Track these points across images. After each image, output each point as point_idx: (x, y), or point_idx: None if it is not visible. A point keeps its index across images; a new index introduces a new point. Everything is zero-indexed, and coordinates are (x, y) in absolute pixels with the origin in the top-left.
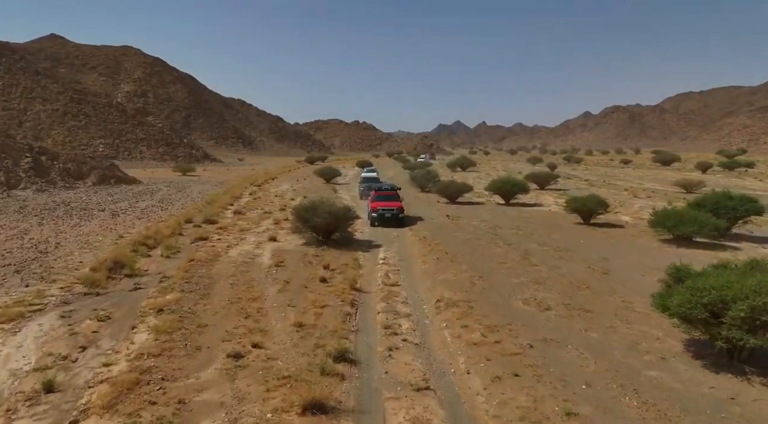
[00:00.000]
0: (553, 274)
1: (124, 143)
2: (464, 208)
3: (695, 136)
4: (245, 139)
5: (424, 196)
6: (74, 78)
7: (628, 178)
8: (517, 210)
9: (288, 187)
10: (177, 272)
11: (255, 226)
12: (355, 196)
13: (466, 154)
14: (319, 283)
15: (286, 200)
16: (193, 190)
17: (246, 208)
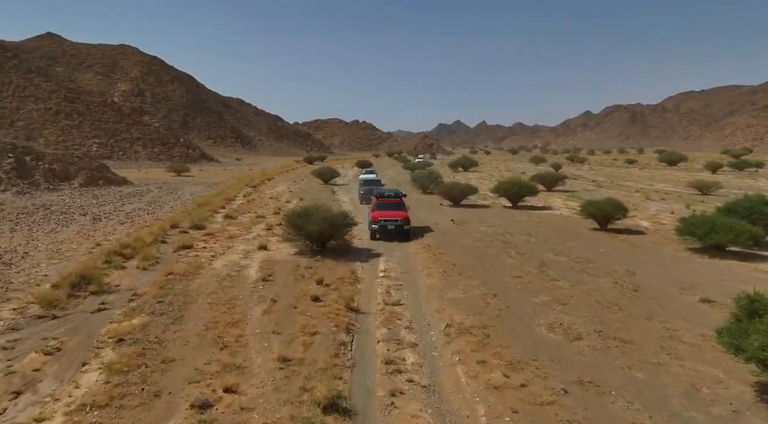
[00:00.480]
0: (577, 291)
1: (119, 143)
2: (469, 211)
3: (698, 136)
4: (244, 138)
5: (426, 198)
6: (70, 77)
7: (636, 178)
8: (525, 214)
9: (284, 188)
10: (150, 289)
11: (245, 232)
12: (354, 198)
13: (468, 154)
14: (310, 302)
15: (281, 203)
16: (185, 191)
17: (238, 212)
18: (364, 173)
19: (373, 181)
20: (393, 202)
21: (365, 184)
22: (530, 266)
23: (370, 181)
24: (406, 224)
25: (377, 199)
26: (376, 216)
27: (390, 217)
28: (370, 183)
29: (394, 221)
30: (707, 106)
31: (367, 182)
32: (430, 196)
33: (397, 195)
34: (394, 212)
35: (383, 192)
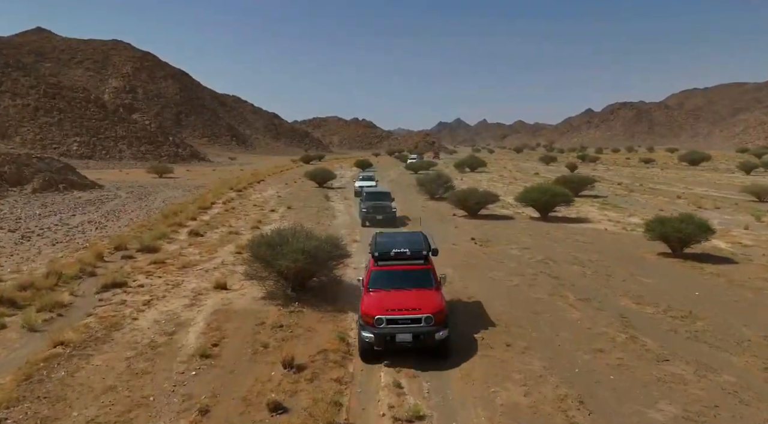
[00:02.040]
0: (714, 390)
1: (102, 141)
2: (490, 224)
3: (707, 134)
4: (239, 137)
5: (434, 206)
6: (52, 72)
7: (664, 180)
8: (561, 229)
9: (273, 193)
10: (6, 383)
11: (207, 257)
12: (350, 202)
13: (471, 153)
14: (266, 414)
15: (265, 212)
16: (159, 197)
17: (209, 226)
18: (360, 179)
19: (378, 195)
20: (410, 268)
21: (369, 198)
22: (606, 323)
23: (376, 195)
24: (439, 329)
25: (376, 260)
26: (373, 310)
27: (403, 313)
28: (376, 198)
29: (411, 326)
30: (711, 103)
31: (371, 197)
32: (439, 204)
33: (418, 250)
34: (415, 297)
35: (393, 244)
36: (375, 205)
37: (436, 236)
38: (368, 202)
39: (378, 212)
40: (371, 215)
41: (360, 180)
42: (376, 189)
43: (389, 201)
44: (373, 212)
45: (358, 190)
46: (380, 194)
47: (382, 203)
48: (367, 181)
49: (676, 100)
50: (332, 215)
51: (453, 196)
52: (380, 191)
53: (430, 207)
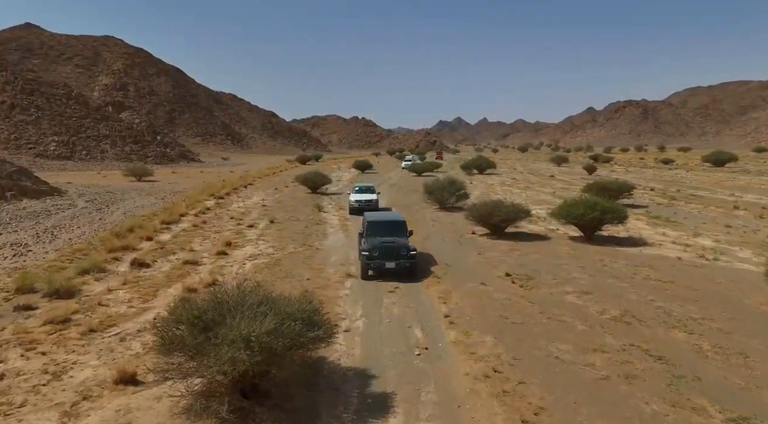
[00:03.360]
0: None
1: (83, 141)
2: (523, 248)
3: (716, 132)
4: (235, 136)
5: (446, 218)
6: (47, 69)
7: (700, 185)
8: (618, 256)
9: (259, 200)
10: None
11: (138, 308)
12: (345, 213)
13: (474, 152)
14: None
15: (242, 227)
16: (123, 206)
17: (163, 251)
18: (356, 191)
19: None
20: None
21: (373, 231)
22: None
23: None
24: None
25: None
26: None
27: None
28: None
29: None
30: (716, 101)
31: (377, 228)
32: (452, 216)
33: None
34: None
35: None
36: (383, 244)
37: (455, 267)
38: (372, 240)
39: (388, 256)
40: (377, 261)
41: (356, 193)
42: (384, 217)
43: (405, 236)
44: (381, 255)
45: (353, 205)
46: (391, 225)
47: (394, 242)
48: (365, 194)
49: (680, 98)
50: (323, 233)
51: (474, 210)
52: (391, 220)
53: (442, 220)
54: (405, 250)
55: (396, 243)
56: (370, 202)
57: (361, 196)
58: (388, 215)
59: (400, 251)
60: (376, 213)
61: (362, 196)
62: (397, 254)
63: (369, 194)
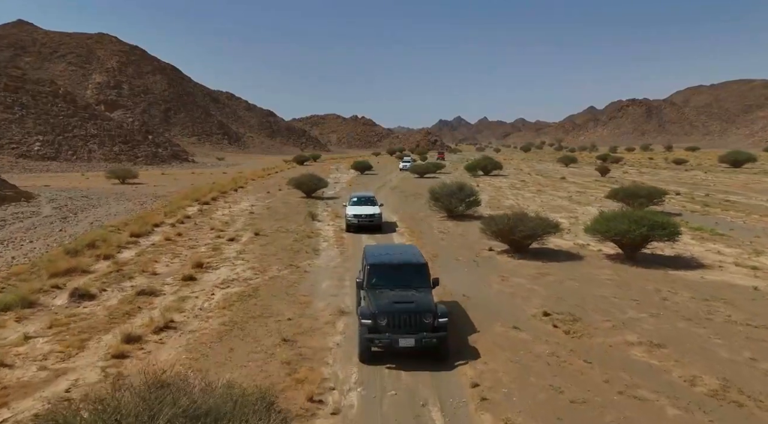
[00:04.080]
0: None
1: (69, 140)
2: (555, 272)
3: (722, 131)
4: (232, 135)
5: (456, 229)
6: (40, 67)
7: (726, 188)
8: (677, 284)
9: (248, 205)
10: None
11: (54, 371)
12: (342, 222)
13: (478, 152)
14: None
15: (222, 241)
16: (93, 215)
17: (119, 274)
18: (354, 202)
19: (404, 271)
20: None
21: (377, 280)
22: None
23: (396, 272)
24: None
25: None
26: None
27: None
28: (396, 277)
29: None
30: (719, 100)
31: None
32: (463, 226)
33: None
34: None
35: None
36: (395, 308)
37: (476, 300)
38: (377, 297)
39: (403, 328)
40: (385, 337)
41: (353, 205)
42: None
43: (427, 287)
44: (391, 326)
45: (351, 220)
46: (406, 271)
47: (412, 302)
48: (366, 207)
49: (682, 97)
50: (314, 249)
51: (492, 223)
52: (406, 262)
53: (451, 232)
54: (430, 316)
55: (415, 304)
56: (372, 217)
57: (361, 209)
58: (399, 251)
59: (423, 318)
60: (382, 248)
61: (362, 210)
62: (417, 323)
63: (370, 207)
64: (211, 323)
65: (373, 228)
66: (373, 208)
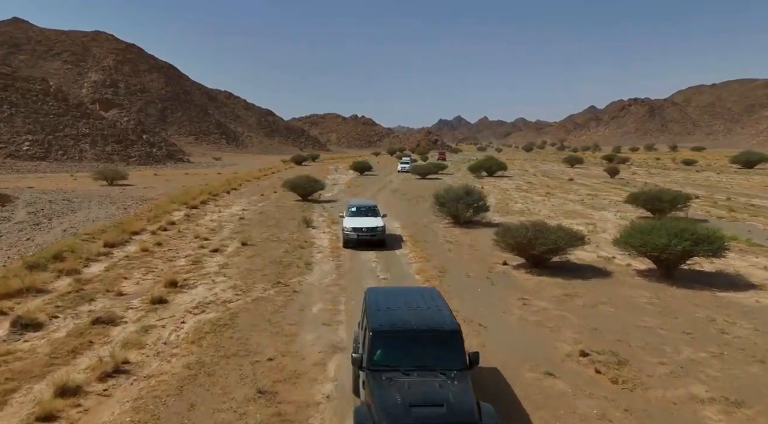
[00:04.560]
0: None
1: (60, 140)
2: (581, 291)
3: (726, 131)
4: (230, 134)
5: (464, 238)
6: (34, 65)
7: (745, 191)
8: (727, 307)
9: (239, 209)
10: None
11: None
12: (339, 233)
13: (478, 151)
14: None
15: (205, 252)
16: (70, 220)
17: (78, 295)
18: (352, 211)
19: (431, 340)
20: None
21: (392, 346)
22: None
23: (414, 339)
24: None
25: None
26: None
27: None
28: (415, 349)
29: None
30: (720, 100)
31: (398, 340)
32: (471, 234)
33: None
34: None
35: None
36: (412, 415)
37: (495, 332)
38: (388, 384)
39: None
40: None
41: (352, 215)
42: (408, 313)
43: (462, 369)
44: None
45: (350, 235)
46: (428, 339)
47: (438, 403)
48: (366, 219)
49: (683, 96)
50: (306, 262)
51: (507, 235)
52: (427, 327)
53: (459, 241)
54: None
55: (447, 408)
56: (374, 231)
57: (361, 221)
58: (416, 302)
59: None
60: (391, 296)
61: (362, 222)
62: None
63: (372, 219)
64: (173, 364)
65: (376, 243)
66: (376, 220)
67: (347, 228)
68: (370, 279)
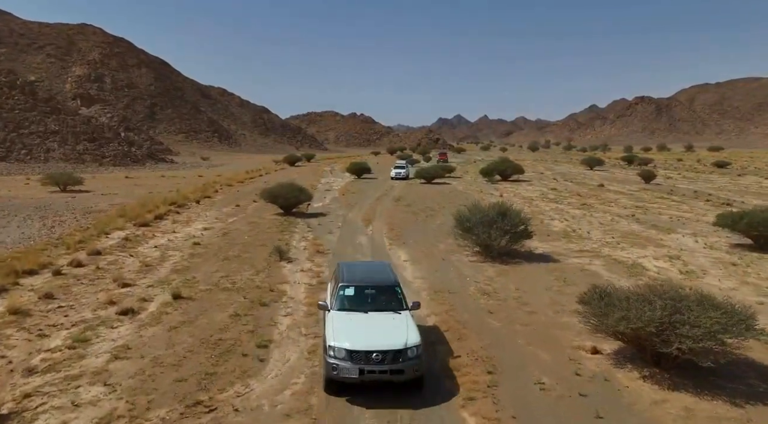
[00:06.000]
0: None
1: (24, 138)
2: None
3: (739, 130)
4: (222, 133)
5: (502, 278)
6: (16, 58)
7: None
8: None
9: (200, 228)
10: None
11: None
12: (326, 261)
13: (480, 151)
14: None
15: (110, 313)
16: None
17: None
18: (339, 302)
19: None
20: None
21: None
22: None
23: None
24: None
25: None
26: None
27: None
28: None
29: None
30: (726, 99)
31: None
32: (508, 272)
33: None
34: None
35: None
36: None
37: None
38: None
39: None
40: None
41: (343, 306)
42: None
43: None
44: None
45: (342, 370)
46: None
47: None
48: (377, 321)
49: (687, 95)
50: (260, 342)
51: (616, 316)
52: None
53: (501, 291)
54: None
55: None
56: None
57: (366, 332)
58: None
59: None
60: None
61: (369, 336)
62: None
63: (388, 320)
64: None
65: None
66: (399, 326)
67: (335, 350)
68: (367, 394)
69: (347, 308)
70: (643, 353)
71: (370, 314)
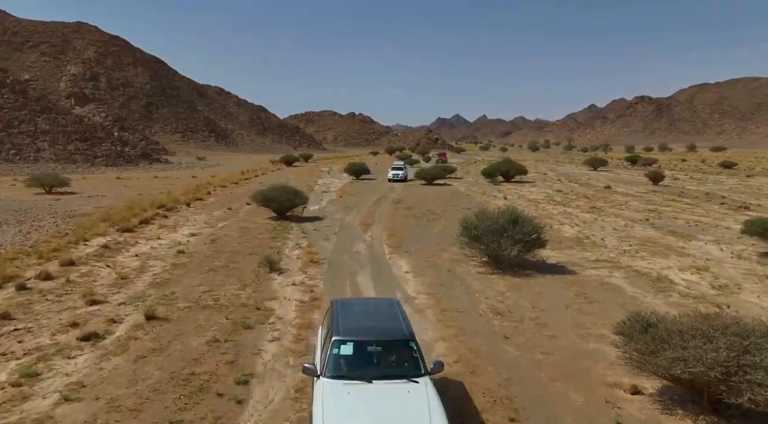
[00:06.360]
0: None
1: (14, 137)
2: None
3: (741, 130)
4: (219, 132)
5: (514, 293)
6: (9, 57)
7: None
8: None
9: (187, 233)
10: None
11: None
12: (318, 272)
13: (479, 150)
14: None
15: (70, 339)
16: None
17: None
18: (334, 367)
19: None
20: None
21: None
22: None
23: None
24: None
25: None
26: None
27: None
28: None
29: None
30: (726, 98)
31: None
32: (521, 285)
33: None
34: None
35: None
36: None
37: None
38: None
39: None
40: None
41: (337, 371)
42: None
43: None
44: None
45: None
46: None
47: None
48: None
49: (687, 95)
50: (240, 378)
51: (676, 356)
52: None
53: (515, 310)
54: None
55: None
56: None
57: (371, 399)
58: None
59: None
60: None
61: (373, 406)
62: None
63: (397, 403)
64: None
65: None
66: (416, 403)
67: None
68: None
69: (344, 373)
70: (696, 396)
71: (376, 383)
